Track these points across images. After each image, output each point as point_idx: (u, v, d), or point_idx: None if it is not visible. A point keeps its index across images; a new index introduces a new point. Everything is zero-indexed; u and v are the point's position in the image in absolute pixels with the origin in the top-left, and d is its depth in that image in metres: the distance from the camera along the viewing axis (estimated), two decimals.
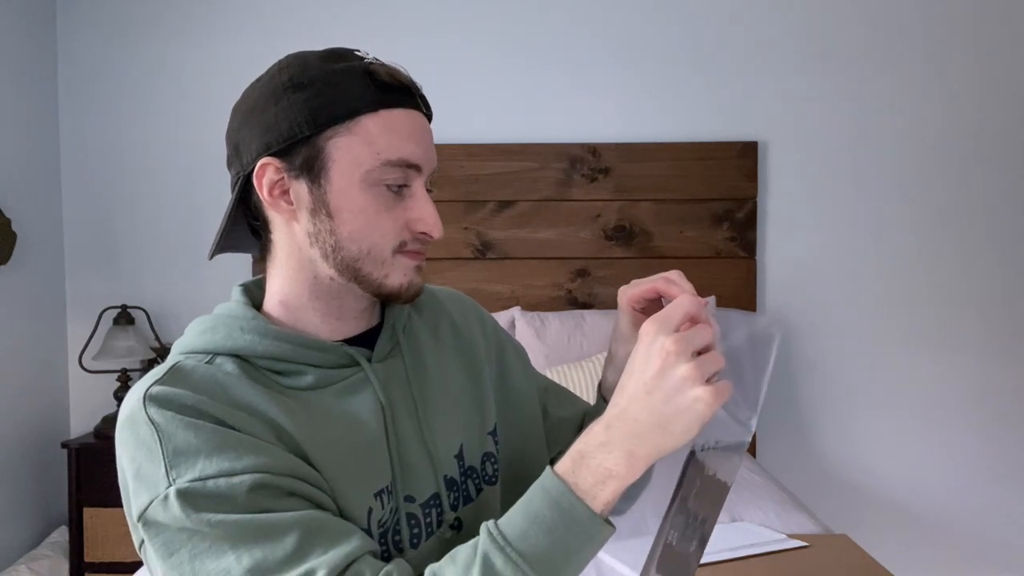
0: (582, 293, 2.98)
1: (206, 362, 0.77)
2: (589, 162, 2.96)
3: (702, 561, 1.57)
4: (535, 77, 3.00)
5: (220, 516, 0.67)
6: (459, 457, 0.88)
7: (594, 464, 0.66)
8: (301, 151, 0.77)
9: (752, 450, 2.93)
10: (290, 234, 0.81)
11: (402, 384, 0.86)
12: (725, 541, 1.69)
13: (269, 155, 0.78)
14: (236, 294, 0.86)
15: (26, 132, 2.85)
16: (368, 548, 0.71)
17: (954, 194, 2.98)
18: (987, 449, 2.98)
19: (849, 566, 1.40)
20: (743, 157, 2.95)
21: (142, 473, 0.70)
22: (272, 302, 0.84)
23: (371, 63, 0.79)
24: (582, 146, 2.96)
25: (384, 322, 0.88)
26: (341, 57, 0.79)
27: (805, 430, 3.01)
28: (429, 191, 0.83)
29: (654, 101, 3.00)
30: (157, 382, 0.74)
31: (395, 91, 0.78)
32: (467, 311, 1.01)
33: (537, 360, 2.71)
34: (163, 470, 0.69)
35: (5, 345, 2.71)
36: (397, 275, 0.80)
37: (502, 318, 2.83)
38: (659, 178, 2.95)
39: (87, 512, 2.68)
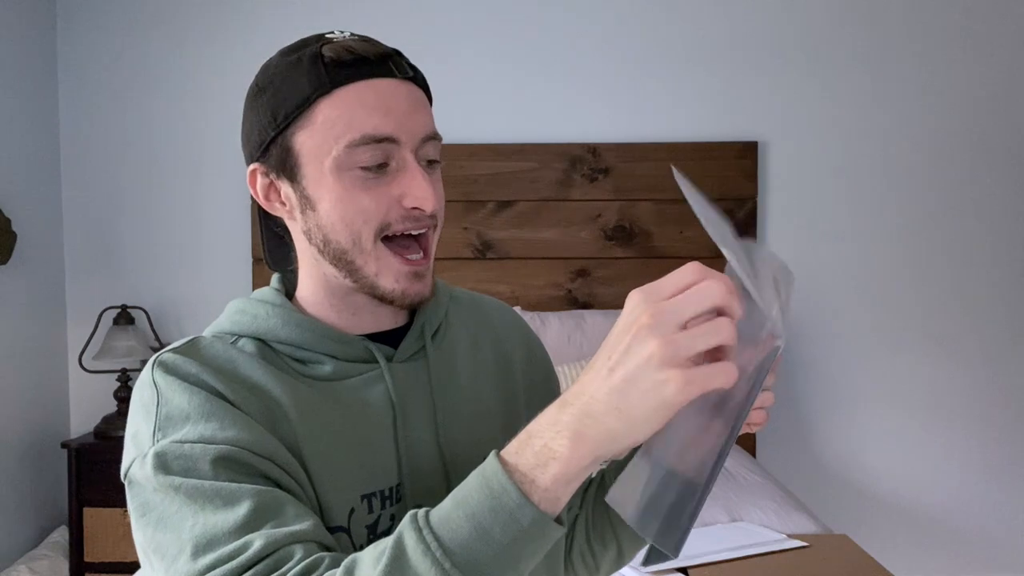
0: (582, 293, 2.98)
1: (231, 343, 0.78)
2: (589, 162, 2.96)
3: (702, 562, 1.57)
4: (535, 77, 3.00)
5: (182, 479, 0.66)
6: None
7: (539, 444, 0.56)
8: (274, 152, 0.77)
9: (752, 450, 2.93)
10: (297, 234, 0.82)
11: (422, 388, 0.82)
12: (725, 541, 1.69)
13: (255, 161, 0.79)
14: (273, 281, 0.87)
15: (26, 132, 2.85)
16: (317, 537, 0.66)
17: (953, 195, 2.98)
18: (987, 449, 2.98)
19: (849, 566, 1.40)
20: (743, 157, 2.95)
21: (136, 434, 0.72)
22: (301, 294, 0.84)
23: (327, 43, 0.76)
24: (582, 146, 2.96)
25: (413, 323, 0.85)
26: (300, 47, 0.77)
27: (805, 430, 3.01)
28: (435, 162, 0.79)
29: (654, 101, 3.00)
30: (172, 350, 0.76)
31: (349, 65, 0.74)
32: (512, 328, 0.96)
33: None
34: (151, 430, 0.70)
35: (5, 345, 2.71)
36: (388, 278, 0.77)
37: None
38: (659, 178, 2.95)
39: (87, 512, 2.68)
